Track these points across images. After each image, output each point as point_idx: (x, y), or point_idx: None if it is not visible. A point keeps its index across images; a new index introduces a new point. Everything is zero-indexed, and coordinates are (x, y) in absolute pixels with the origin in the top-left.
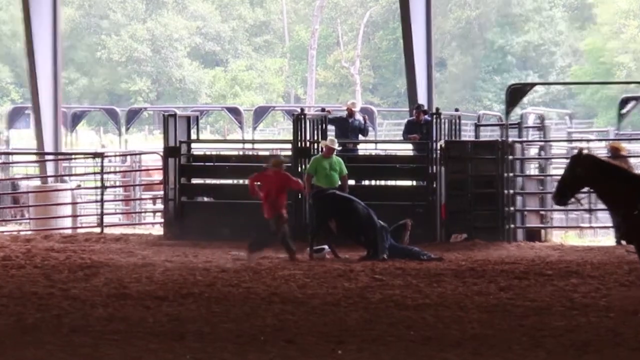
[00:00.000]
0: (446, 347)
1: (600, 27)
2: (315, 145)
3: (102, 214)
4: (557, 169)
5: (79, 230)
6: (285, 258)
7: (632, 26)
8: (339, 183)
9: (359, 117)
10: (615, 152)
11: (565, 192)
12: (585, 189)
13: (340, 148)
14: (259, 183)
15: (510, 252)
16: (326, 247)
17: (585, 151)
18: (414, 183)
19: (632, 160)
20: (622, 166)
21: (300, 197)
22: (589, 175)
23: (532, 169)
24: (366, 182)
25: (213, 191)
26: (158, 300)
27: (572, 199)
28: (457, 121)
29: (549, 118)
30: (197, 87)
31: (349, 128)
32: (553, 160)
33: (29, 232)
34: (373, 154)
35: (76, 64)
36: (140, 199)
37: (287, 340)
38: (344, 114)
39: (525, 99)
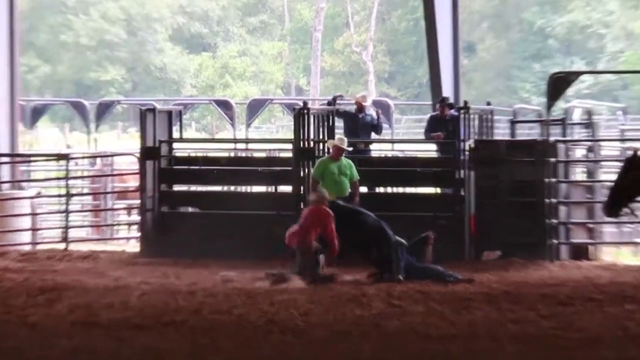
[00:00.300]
0: None
1: None
2: (321, 145)
3: (67, 227)
4: (608, 174)
5: (40, 247)
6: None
7: None
8: (349, 190)
9: (371, 111)
10: None
11: (617, 201)
12: None
13: (350, 149)
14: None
15: (552, 272)
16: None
17: None
18: (438, 190)
19: None
20: None
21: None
22: None
23: (579, 174)
24: (381, 189)
25: (199, 200)
26: (133, 330)
27: (626, 209)
28: (489, 117)
29: (598, 113)
30: (181, 76)
31: (359, 125)
32: (603, 163)
33: None
34: (389, 155)
35: (37, 48)
36: (113, 209)
37: None
38: (353, 108)
39: (569, 91)
